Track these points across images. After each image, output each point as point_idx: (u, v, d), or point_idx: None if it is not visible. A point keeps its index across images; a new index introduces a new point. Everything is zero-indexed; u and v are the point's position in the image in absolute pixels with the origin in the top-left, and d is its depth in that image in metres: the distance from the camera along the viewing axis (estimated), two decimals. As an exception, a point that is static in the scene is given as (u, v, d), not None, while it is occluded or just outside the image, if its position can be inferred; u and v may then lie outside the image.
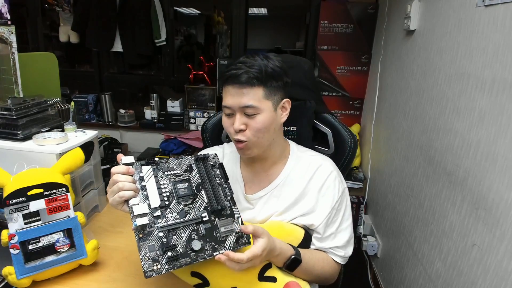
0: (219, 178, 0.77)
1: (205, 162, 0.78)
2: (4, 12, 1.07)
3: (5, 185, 0.76)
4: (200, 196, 0.73)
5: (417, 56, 1.52)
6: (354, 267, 1.96)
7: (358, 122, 2.43)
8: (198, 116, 2.61)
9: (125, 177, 0.67)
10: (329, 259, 0.84)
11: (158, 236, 0.65)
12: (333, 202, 0.84)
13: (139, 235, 0.64)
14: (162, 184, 0.70)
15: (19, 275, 0.73)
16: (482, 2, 1.01)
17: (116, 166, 0.69)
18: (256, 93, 0.76)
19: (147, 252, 0.63)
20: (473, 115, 1.03)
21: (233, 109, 0.78)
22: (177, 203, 0.69)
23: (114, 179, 0.67)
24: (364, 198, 2.13)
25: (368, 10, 2.22)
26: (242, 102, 0.76)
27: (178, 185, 0.72)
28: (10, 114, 0.92)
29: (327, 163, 0.88)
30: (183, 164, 0.75)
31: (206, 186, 0.74)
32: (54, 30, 2.84)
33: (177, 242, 0.65)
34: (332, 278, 0.87)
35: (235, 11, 2.56)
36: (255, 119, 0.77)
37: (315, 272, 0.81)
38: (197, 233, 0.68)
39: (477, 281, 0.96)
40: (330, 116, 1.04)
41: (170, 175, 0.72)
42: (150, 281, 0.79)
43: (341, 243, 0.84)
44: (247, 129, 0.78)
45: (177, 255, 0.64)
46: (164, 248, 0.64)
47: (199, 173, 0.76)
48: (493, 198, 0.91)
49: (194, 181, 0.74)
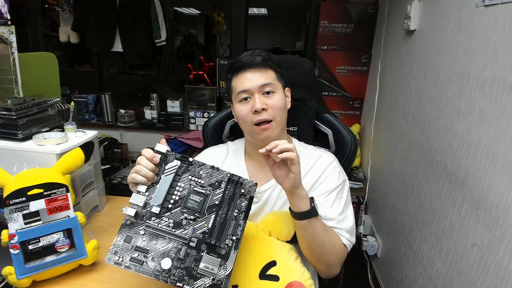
0: (239, 211, 0.68)
1: (237, 187, 0.69)
2: (4, 12, 1.07)
3: (5, 185, 0.76)
4: (207, 218, 0.66)
5: (417, 56, 1.52)
6: (354, 267, 1.96)
7: (358, 122, 2.43)
8: (198, 116, 2.61)
9: (146, 163, 0.67)
10: (337, 236, 0.81)
11: (140, 233, 0.63)
12: (332, 186, 0.85)
13: (127, 222, 0.64)
14: (179, 186, 0.67)
15: (19, 275, 0.73)
16: (482, 2, 1.01)
17: (147, 149, 0.69)
18: (270, 74, 0.84)
19: (121, 240, 0.62)
20: (473, 115, 1.03)
21: (252, 90, 0.82)
22: (179, 212, 0.66)
23: (138, 160, 0.68)
24: (364, 198, 2.13)
25: (368, 10, 2.22)
26: (261, 81, 0.82)
27: (192, 195, 0.67)
28: (10, 114, 0.92)
29: (327, 155, 0.91)
30: (214, 177, 0.69)
31: (219, 212, 0.67)
32: (54, 30, 2.84)
33: (151, 248, 0.62)
34: (338, 261, 0.81)
35: (235, 11, 2.56)
36: (274, 98, 0.83)
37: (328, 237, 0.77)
38: (176, 253, 0.62)
39: (477, 281, 0.96)
40: (330, 116, 1.04)
41: (192, 181, 0.68)
42: (150, 281, 0.79)
43: (345, 227, 0.82)
44: (269, 108, 0.82)
45: (142, 261, 0.61)
46: (136, 247, 0.62)
47: (223, 194, 0.68)
48: (493, 198, 0.91)
49: (212, 200, 0.67)
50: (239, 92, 0.83)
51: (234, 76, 0.85)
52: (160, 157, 0.68)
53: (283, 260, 0.77)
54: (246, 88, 0.82)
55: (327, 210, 0.83)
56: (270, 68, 0.85)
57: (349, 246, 0.83)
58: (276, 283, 0.74)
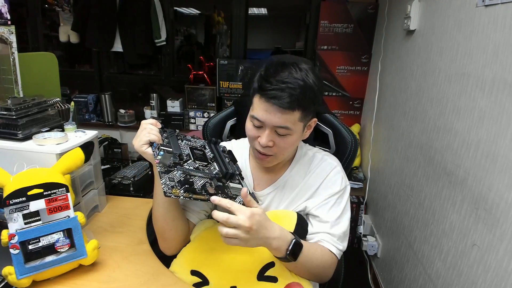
0: (228, 159, 0.84)
1: (216, 145, 0.87)
2: (4, 12, 1.07)
3: (5, 185, 0.76)
4: (213, 165, 0.79)
5: (417, 56, 1.52)
6: (354, 267, 1.96)
7: (358, 122, 2.43)
8: (198, 116, 2.61)
9: (153, 126, 0.76)
10: (325, 249, 0.82)
11: (177, 175, 0.69)
12: (334, 191, 0.86)
13: (162, 168, 0.69)
14: (182, 145, 0.79)
15: (19, 275, 0.72)
16: (482, 2, 1.01)
17: (145, 119, 0.78)
18: (293, 116, 0.74)
19: (167, 180, 0.67)
20: (473, 115, 1.03)
21: (265, 124, 0.76)
22: (193, 162, 0.75)
23: (144, 126, 0.75)
24: (364, 198, 2.13)
25: (368, 10, 2.22)
26: (278, 122, 0.74)
27: (194, 150, 0.80)
28: (10, 114, 0.92)
29: (331, 159, 0.91)
30: (198, 142, 0.85)
31: (218, 160, 0.81)
32: (54, 30, 2.84)
33: (193, 184, 0.70)
34: (329, 272, 0.84)
35: (235, 11, 2.56)
36: (285, 139, 0.77)
37: (316, 261, 0.78)
38: (211, 185, 0.72)
39: (477, 281, 0.96)
40: (331, 116, 1.04)
41: (188, 144, 0.82)
42: (150, 281, 0.79)
43: (338, 233, 0.83)
44: (274, 146, 0.78)
45: (193, 188, 0.69)
46: (181, 184, 0.68)
47: (212, 152, 0.84)
48: (493, 198, 0.91)
49: (208, 155, 0.82)
50: (253, 116, 0.77)
51: (258, 95, 0.76)
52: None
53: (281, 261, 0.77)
54: (261, 119, 0.75)
55: (324, 213, 0.84)
56: (297, 109, 0.73)
57: (338, 254, 0.84)
58: (274, 284, 0.75)
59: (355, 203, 2.10)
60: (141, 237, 0.97)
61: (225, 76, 2.49)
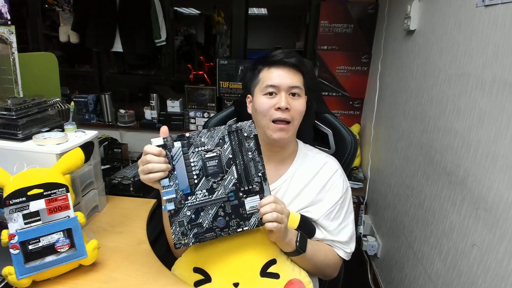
0: (251, 152, 0.74)
1: (238, 133, 0.75)
2: (4, 12, 1.07)
3: (5, 185, 0.76)
4: (230, 172, 0.73)
5: (417, 56, 1.52)
6: (354, 267, 1.96)
7: (358, 122, 2.43)
8: (198, 116, 2.61)
9: (157, 159, 0.69)
10: (331, 248, 0.87)
11: (187, 214, 0.70)
12: (336, 198, 0.87)
13: (171, 212, 0.70)
14: (193, 161, 0.72)
15: (19, 275, 0.72)
16: (482, 2, 1.01)
17: (149, 145, 0.71)
18: (300, 78, 0.85)
19: (177, 227, 0.70)
20: (473, 115, 1.03)
21: (281, 88, 0.82)
22: (206, 180, 0.72)
23: (147, 159, 0.69)
24: (364, 198, 2.13)
25: (368, 10, 2.22)
26: (292, 82, 0.83)
27: (208, 162, 0.72)
28: (10, 114, 0.92)
29: (332, 162, 0.92)
30: (215, 137, 0.73)
31: (237, 162, 0.74)
32: (54, 30, 2.84)
33: (203, 219, 0.71)
34: (334, 269, 0.88)
35: (235, 11, 2.56)
36: (298, 101, 0.84)
37: (320, 256, 0.83)
38: (223, 210, 0.72)
39: (477, 281, 0.96)
40: (330, 116, 1.05)
41: (200, 151, 0.73)
42: (150, 281, 0.79)
43: (344, 239, 0.87)
44: (291, 110, 0.82)
45: (203, 231, 0.71)
46: (191, 224, 0.70)
47: (231, 146, 0.74)
48: (493, 198, 0.91)
49: (225, 156, 0.73)
50: (267, 86, 0.83)
51: (266, 68, 0.85)
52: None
53: (283, 258, 0.79)
54: (276, 84, 0.82)
55: (328, 222, 0.86)
56: (301, 72, 0.86)
57: (347, 257, 0.88)
58: (276, 280, 0.75)
59: (355, 203, 2.10)
60: (141, 237, 0.97)
61: (225, 76, 2.49)
